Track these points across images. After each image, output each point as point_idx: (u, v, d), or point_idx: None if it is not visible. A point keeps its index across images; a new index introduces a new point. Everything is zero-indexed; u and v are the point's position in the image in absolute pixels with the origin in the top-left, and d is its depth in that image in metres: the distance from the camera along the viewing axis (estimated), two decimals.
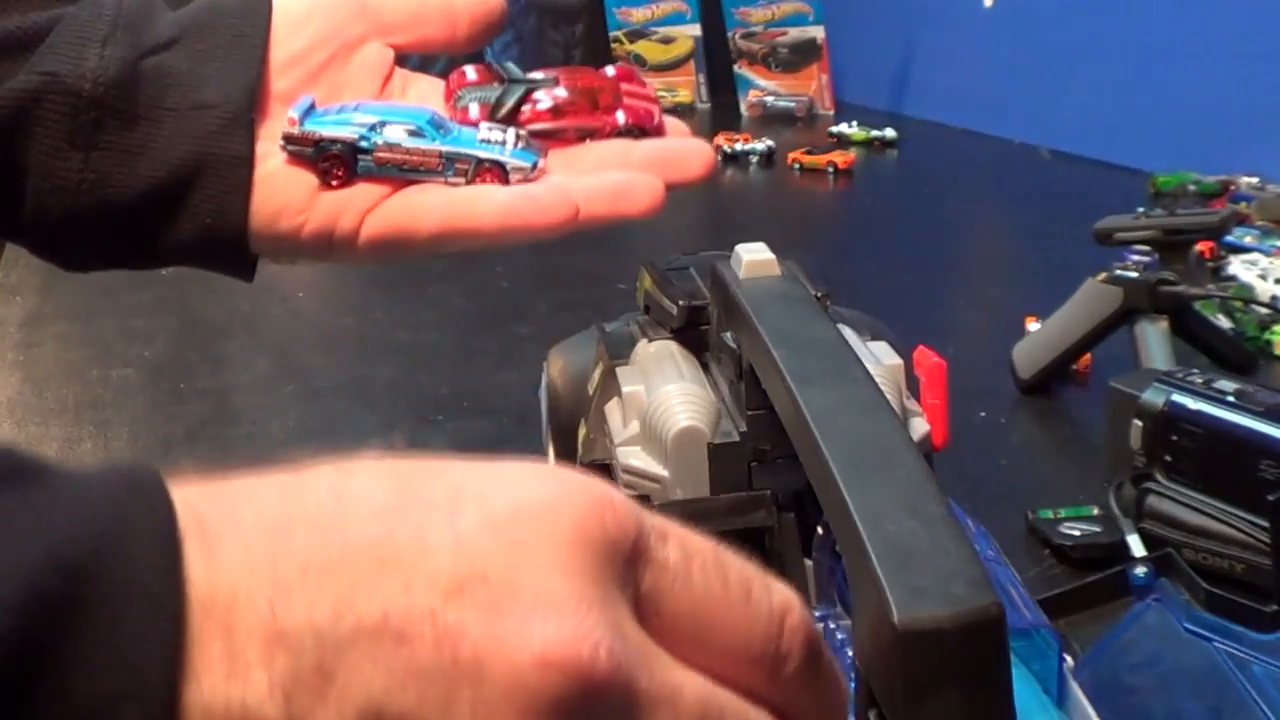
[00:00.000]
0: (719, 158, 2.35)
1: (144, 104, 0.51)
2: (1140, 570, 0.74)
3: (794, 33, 2.90)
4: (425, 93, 0.58)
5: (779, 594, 0.31)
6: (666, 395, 0.52)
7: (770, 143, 2.34)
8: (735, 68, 2.92)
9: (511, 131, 0.53)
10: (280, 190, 0.52)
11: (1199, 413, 0.85)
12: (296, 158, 0.52)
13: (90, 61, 0.50)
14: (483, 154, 0.52)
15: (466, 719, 0.25)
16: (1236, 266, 1.40)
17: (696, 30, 2.95)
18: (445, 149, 0.52)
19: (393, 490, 0.27)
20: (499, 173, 0.52)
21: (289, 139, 0.52)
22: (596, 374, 0.59)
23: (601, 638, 0.26)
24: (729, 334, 0.52)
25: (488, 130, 0.53)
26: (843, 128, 2.47)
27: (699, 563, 0.30)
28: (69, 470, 0.26)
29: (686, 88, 2.92)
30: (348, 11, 0.56)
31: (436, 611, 0.25)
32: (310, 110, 0.53)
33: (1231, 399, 0.84)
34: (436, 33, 0.57)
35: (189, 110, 0.51)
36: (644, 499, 0.53)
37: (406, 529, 0.26)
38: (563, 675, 0.25)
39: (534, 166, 0.53)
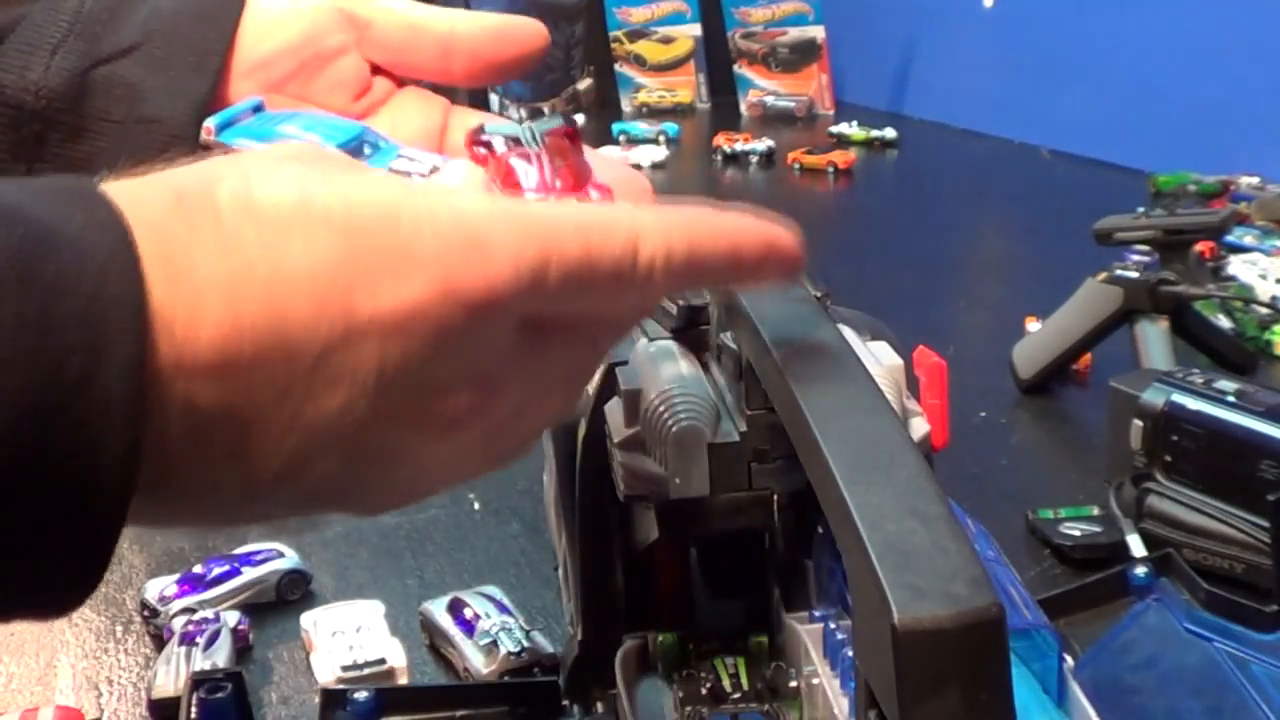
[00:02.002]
0: (719, 158, 2.35)
1: (91, 116, 0.48)
2: (1140, 570, 0.74)
3: (794, 33, 2.90)
4: (407, 106, 0.53)
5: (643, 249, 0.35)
6: (666, 395, 0.52)
7: (770, 143, 2.34)
8: (735, 68, 2.92)
9: (430, 160, 0.48)
10: None
11: (1199, 413, 0.85)
12: None
13: (34, 72, 0.47)
14: None
15: None
16: (1236, 266, 1.40)
17: (696, 30, 2.96)
18: None
19: (333, 263, 0.30)
20: None
21: (206, 149, 0.48)
22: (596, 374, 0.59)
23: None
24: (729, 334, 0.52)
25: (407, 158, 0.48)
26: (843, 128, 2.47)
27: (569, 279, 0.34)
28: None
29: (686, 88, 2.92)
30: (329, 20, 0.51)
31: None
32: (257, 112, 0.49)
33: (1231, 399, 0.84)
34: (427, 63, 0.52)
35: (134, 124, 0.48)
36: (644, 499, 0.53)
37: (339, 309, 0.30)
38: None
39: None
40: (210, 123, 0.48)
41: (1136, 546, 0.86)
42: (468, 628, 0.79)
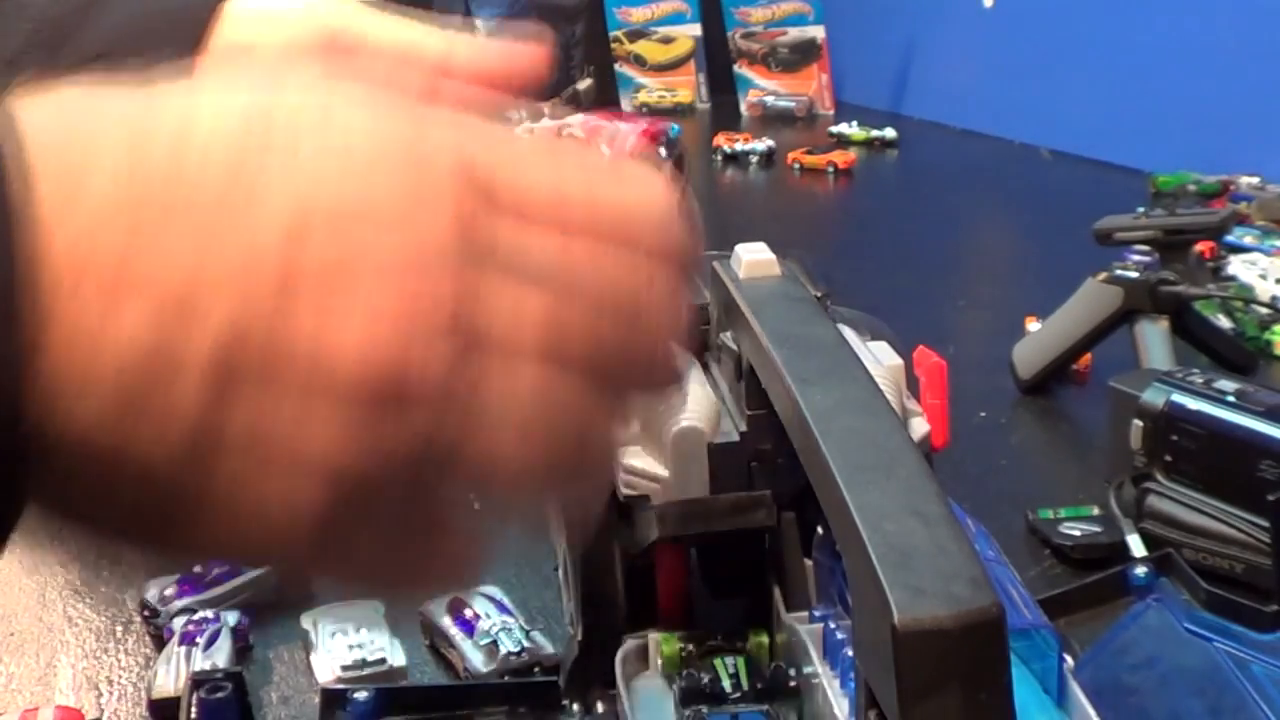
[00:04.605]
0: (719, 158, 2.35)
1: None
2: (1140, 570, 0.74)
3: (794, 33, 2.90)
4: None
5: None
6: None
7: (770, 143, 2.34)
8: (735, 68, 2.92)
9: None
10: None
11: (1199, 413, 0.85)
12: None
13: None
14: None
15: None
16: (1236, 266, 1.40)
17: (696, 30, 2.96)
18: None
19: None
20: None
21: None
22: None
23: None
24: (729, 334, 0.52)
25: None
26: (843, 128, 2.47)
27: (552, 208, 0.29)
28: None
29: (686, 88, 2.92)
30: (310, 43, 0.47)
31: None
32: None
33: (1231, 399, 0.84)
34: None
35: None
36: (644, 499, 0.53)
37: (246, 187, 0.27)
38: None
39: None
40: None
41: (1136, 546, 0.86)
42: (468, 628, 0.79)
